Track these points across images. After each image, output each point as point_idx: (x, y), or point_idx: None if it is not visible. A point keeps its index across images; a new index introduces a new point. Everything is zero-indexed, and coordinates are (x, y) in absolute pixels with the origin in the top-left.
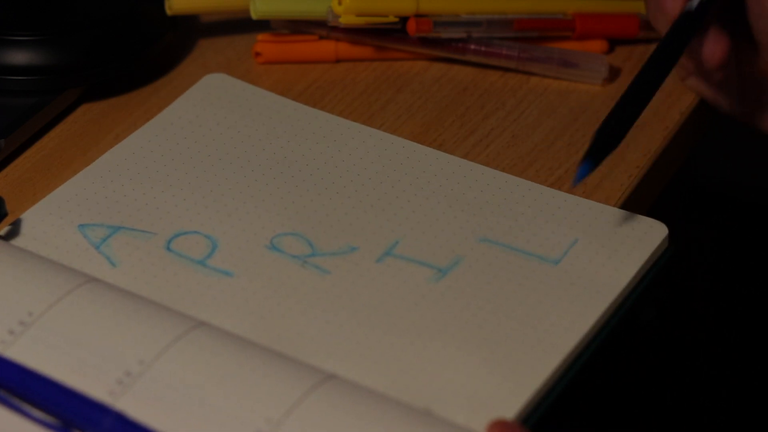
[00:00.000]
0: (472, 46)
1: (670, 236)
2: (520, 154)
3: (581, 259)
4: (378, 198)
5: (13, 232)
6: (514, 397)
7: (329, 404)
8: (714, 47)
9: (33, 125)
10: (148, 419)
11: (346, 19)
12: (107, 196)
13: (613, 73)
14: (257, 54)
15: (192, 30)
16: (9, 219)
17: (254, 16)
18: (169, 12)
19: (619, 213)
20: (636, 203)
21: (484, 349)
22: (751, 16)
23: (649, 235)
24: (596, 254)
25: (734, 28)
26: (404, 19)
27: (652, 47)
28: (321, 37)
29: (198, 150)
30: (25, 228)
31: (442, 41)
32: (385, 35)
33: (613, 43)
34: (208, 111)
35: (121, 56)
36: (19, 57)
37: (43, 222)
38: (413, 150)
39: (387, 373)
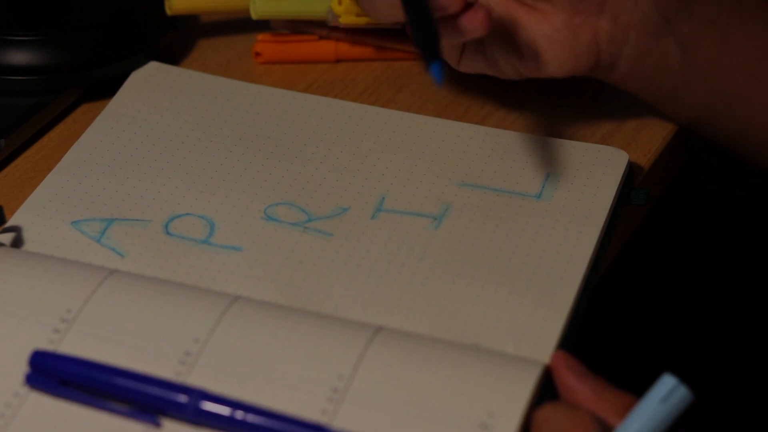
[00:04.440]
0: None
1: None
2: None
3: (561, 190)
4: (351, 160)
5: (9, 237)
6: (552, 324)
7: (391, 353)
8: (473, 16)
9: (33, 125)
10: (224, 391)
11: (346, 19)
12: (87, 191)
13: None
14: (257, 54)
15: (192, 30)
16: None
17: (254, 16)
18: (169, 12)
19: (581, 145)
20: None
21: (505, 284)
22: None
23: (613, 161)
24: (572, 184)
25: None
26: None
27: None
28: (321, 37)
29: (158, 137)
30: (18, 232)
31: None
32: (385, 35)
33: None
34: (154, 98)
35: (121, 56)
36: (19, 57)
37: (34, 224)
38: (377, 113)
39: (424, 319)
